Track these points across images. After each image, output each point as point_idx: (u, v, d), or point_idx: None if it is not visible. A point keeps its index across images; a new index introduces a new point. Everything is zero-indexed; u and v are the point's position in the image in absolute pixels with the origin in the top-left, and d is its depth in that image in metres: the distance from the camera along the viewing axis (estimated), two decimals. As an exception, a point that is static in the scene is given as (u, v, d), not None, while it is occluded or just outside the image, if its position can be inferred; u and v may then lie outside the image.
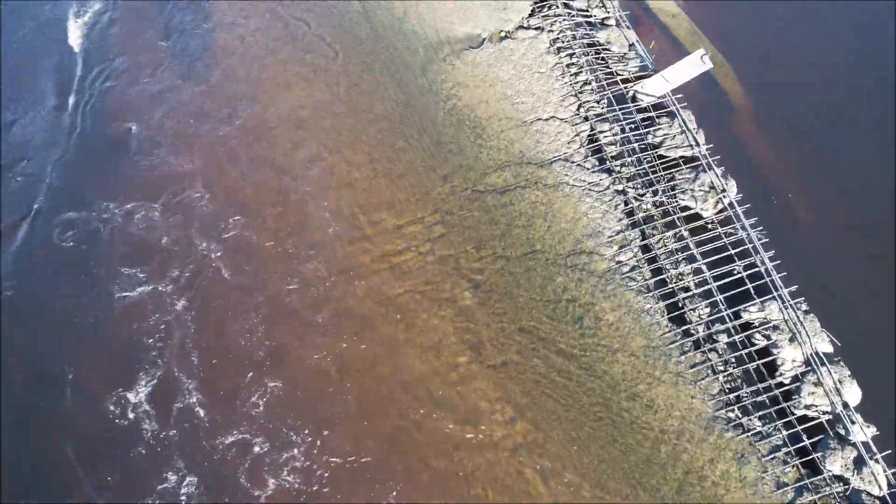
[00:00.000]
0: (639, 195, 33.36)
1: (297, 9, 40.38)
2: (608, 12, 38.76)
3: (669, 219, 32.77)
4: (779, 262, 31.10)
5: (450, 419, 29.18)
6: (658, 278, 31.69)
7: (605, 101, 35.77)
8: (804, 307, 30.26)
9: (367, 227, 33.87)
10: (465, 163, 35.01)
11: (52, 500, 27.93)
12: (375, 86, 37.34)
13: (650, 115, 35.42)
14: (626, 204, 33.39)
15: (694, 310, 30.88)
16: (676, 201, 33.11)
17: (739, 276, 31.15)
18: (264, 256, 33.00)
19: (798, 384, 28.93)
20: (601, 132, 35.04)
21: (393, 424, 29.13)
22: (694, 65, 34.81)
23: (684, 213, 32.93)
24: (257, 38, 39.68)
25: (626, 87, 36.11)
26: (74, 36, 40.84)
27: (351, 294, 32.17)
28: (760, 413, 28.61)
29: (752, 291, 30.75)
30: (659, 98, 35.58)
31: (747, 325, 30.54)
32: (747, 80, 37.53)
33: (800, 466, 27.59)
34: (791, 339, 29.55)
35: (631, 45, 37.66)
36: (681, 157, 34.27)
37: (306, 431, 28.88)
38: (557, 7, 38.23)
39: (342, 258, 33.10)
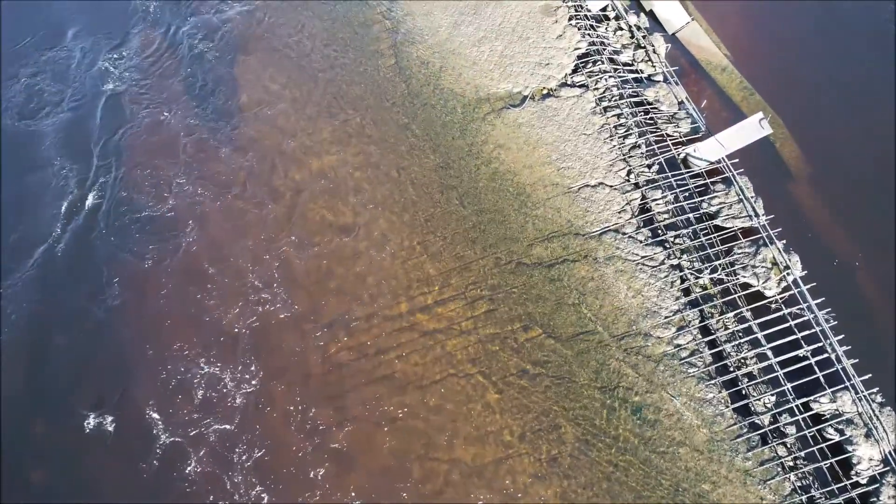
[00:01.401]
0: (696, 271, 31.44)
1: (327, 66, 38.45)
2: (655, 67, 36.82)
3: (730, 298, 30.88)
4: (849, 347, 29.20)
5: (502, 522, 27.39)
6: (720, 364, 29.77)
7: (657, 165, 33.86)
8: (879, 399, 28.36)
9: (405, 302, 32.00)
10: (509, 233, 33.11)
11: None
12: (412, 148, 35.43)
13: (704, 181, 33.51)
14: (682, 280, 31.47)
15: (759, 399, 28.97)
16: (736, 278, 31.19)
17: (808, 362, 29.26)
18: (292, 324, 31.26)
19: (876, 486, 27.03)
20: (653, 200, 33.14)
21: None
22: (751, 129, 32.84)
23: (745, 292, 31.02)
24: (282, 94, 37.78)
25: (677, 151, 34.18)
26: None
27: (389, 375, 30.30)
28: (836, 517, 26.77)
29: (822, 380, 28.86)
30: (713, 163, 33.67)
31: (818, 418, 28.65)
32: (804, 140, 35.59)
33: (882, 578, 25.74)
34: (867, 435, 27.63)
35: (680, 104, 35.73)
36: (739, 228, 32.33)
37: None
38: (602, 63, 36.27)
39: (378, 335, 31.22)
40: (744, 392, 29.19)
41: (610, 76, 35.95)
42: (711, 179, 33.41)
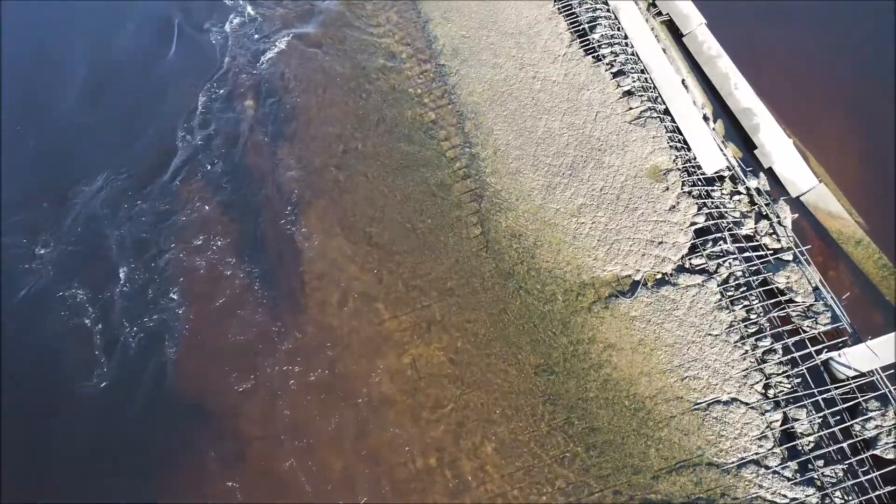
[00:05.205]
0: (858, 521, 26.56)
1: (401, 238, 33.43)
2: (781, 241, 31.95)
3: (903, 559, 26.01)
4: None
5: None
6: None
7: (799, 376, 28.96)
8: None
9: (511, 548, 27.07)
10: (628, 461, 28.13)
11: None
12: (506, 344, 30.48)
13: (856, 397, 28.60)
14: (842, 533, 26.60)
15: None
16: (909, 533, 26.32)
17: None
18: None
19: None
20: (797, 420, 28.23)
21: None
22: (914, 341, 28.07)
23: (922, 552, 26.17)
24: (349, 272, 32.85)
25: (818, 356, 29.26)
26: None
27: None
28: None
29: None
30: (863, 374, 28.78)
31: None
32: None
33: None
34: None
35: (815, 289, 30.85)
36: (903, 461, 27.48)
37: None
38: (725, 242, 31.38)
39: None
40: None
41: (735, 257, 31.06)
42: (864, 396, 28.50)
